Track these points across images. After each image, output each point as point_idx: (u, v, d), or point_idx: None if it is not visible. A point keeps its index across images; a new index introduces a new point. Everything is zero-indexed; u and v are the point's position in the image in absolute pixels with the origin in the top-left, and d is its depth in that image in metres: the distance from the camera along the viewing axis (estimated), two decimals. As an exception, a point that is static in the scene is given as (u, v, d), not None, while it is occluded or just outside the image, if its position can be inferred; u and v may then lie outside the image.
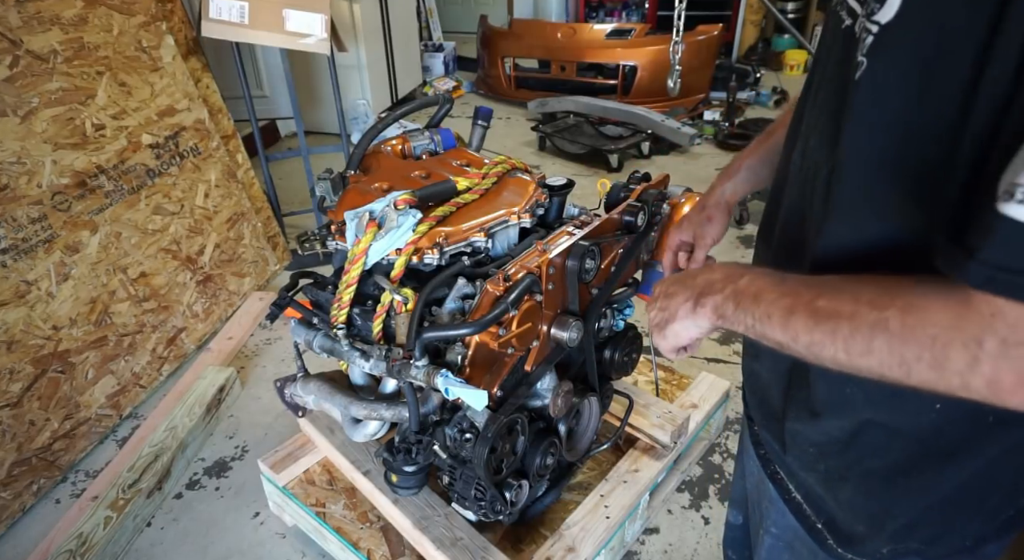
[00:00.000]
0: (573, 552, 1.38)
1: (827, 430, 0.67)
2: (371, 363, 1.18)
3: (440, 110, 1.57)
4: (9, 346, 1.79)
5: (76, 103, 2.01)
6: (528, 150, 4.54)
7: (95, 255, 2.05)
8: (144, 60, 2.25)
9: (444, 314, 1.19)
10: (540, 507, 1.53)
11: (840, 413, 0.65)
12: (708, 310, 0.65)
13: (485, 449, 1.14)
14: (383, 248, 1.20)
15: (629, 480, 1.55)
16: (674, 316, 0.69)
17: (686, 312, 0.68)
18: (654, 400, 1.74)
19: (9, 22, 1.82)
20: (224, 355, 2.38)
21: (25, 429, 1.82)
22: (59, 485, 1.92)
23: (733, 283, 0.62)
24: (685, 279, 0.70)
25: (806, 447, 0.71)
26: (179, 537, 1.76)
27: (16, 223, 1.82)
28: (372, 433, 1.32)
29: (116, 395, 2.09)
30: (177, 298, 2.35)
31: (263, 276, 2.81)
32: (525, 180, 1.40)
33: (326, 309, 1.29)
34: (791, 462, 0.75)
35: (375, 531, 1.52)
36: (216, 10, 2.37)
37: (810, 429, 0.70)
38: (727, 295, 0.62)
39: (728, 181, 0.97)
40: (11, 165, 1.81)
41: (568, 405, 1.32)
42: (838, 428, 0.66)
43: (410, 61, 5.35)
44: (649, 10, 6.79)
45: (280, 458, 1.65)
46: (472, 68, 6.22)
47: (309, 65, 4.31)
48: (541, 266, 1.17)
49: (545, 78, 5.33)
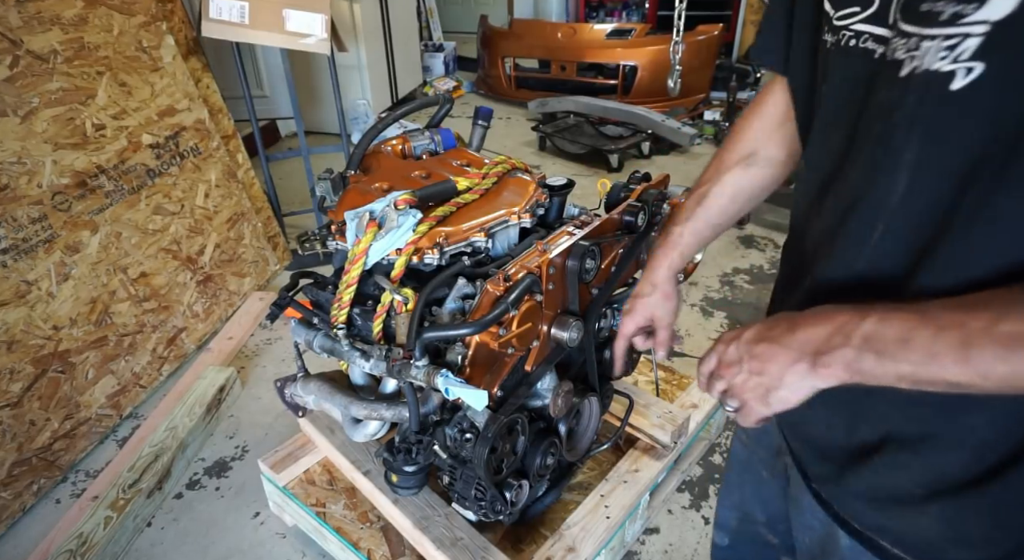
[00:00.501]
0: (573, 552, 1.38)
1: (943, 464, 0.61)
2: (371, 363, 1.18)
3: (440, 110, 1.57)
4: (9, 346, 1.79)
5: (76, 103, 2.01)
6: (528, 150, 4.54)
7: (95, 255, 2.05)
8: (144, 60, 2.25)
9: (444, 314, 1.19)
10: (540, 507, 1.53)
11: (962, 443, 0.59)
12: (837, 369, 0.54)
13: (485, 449, 1.14)
14: (383, 248, 1.20)
15: (629, 480, 1.55)
16: (780, 381, 0.59)
17: (799, 375, 0.57)
18: (654, 400, 1.74)
19: (9, 22, 1.82)
20: (224, 355, 2.38)
21: (25, 429, 1.82)
22: (59, 485, 1.92)
23: (856, 331, 0.53)
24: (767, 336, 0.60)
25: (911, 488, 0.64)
26: (179, 537, 1.76)
27: (16, 223, 1.82)
28: (372, 433, 1.32)
29: (116, 395, 2.09)
30: (177, 298, 2.35)
31: (263, 276, 2.81)
32: (525, 180, 1.40)
33: (326, 309, 1.29)
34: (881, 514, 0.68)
35: (375, 531, 1.52)
36: (216, 10, 2.37)
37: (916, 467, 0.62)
38: (858, 346, 0.53)
39: (674, 252, 0.92)
40: (11, 165, 1.81)
41: (568, 405, 1.32)
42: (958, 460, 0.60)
43: (410, 61, 5.35)
44: (649, 10, 6.79)
45: (280, 458, 1.65)
46: (472, 68, 6.23)
47: (309, 65, 4.31)
48: (541, 266, 1.17)
49: (545, 78, 5.33)
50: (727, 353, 0.64)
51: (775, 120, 0.83)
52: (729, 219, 0.90)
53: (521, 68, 5.46)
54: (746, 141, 0.86)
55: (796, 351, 0.57)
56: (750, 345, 0.61)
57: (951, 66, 0.47)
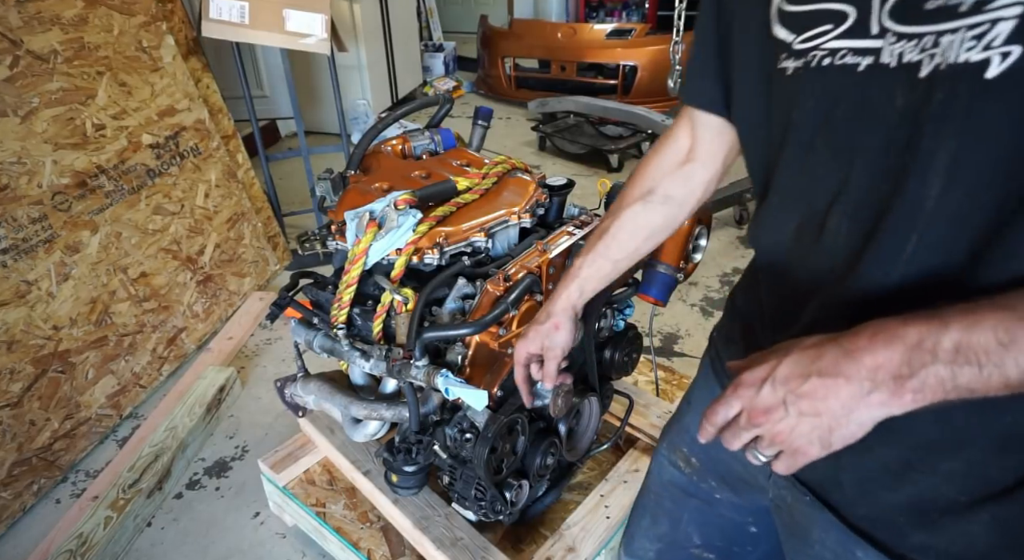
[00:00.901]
0: (573, 552, 1.38)
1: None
2: (371, 363, 1.18)
3: (440, 110, 1.57)
4: (9, 346, 1.79)
5: (76, 103, 2.01)
6: (528, 150, 4.55)
7: (95, 255, 2.05)
8: (144, 60, 2.25)
9: (444, 314, 1.19)
10: (540, 507, 1.53)
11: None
12: (928, 392, 0.48)
13: (485, 449, 1.14)
14: (383, 248, 1.20)
15: (629, 480, 1.55)
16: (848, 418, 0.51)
17: (875, 407, 0.50)
18: (654, 400, 1.74)
19: (9, 22, 1.82)
20: (224, 355, 2.38)
21: (25, 429, 1.82)
22: (59, 485, 1.92)
23: (941, 345, 0.47)
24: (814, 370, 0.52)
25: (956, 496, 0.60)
26: (179, 537, 1.76)
27: (16, 223, 1.82)
28: (372, 433, 1.32)
29: (116, 395, 2.09)
30: (177, 298, 2.35)
31: (263, 276, 2.81)
32: (525, 180, 1.40)
33: (326, 309, 1.29)
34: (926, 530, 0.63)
35: (375, 531, 1.52)
36: (216, 10, 2.37)
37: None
38: (950, 361, 0.47)
39: (572, 283, 0.91)
40: (11, 165, 1.81)
41: (568, 405, 1.32)
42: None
43: (410, 61, 5.35)
44: (649, 10, 6.80)
45: (280, 458, 1.65)
46: (472, 68, 6.23)
47: (309, 65, 4.31)
48: (541, 266, 1.17)
49: (545, 78, 5.33)
50: (760, 397, 0.55)
51: (676, 160, 0.85)
52: (630, 255, 0.90)
53: (521, 68, 5.46)
54: (646, 179, 0.87)
55: (867, 381, 0.50)
56: (791, 381, 0.53)
57: (982, 54, 0.45)
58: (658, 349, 2.47)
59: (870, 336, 0.50)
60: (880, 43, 0.51)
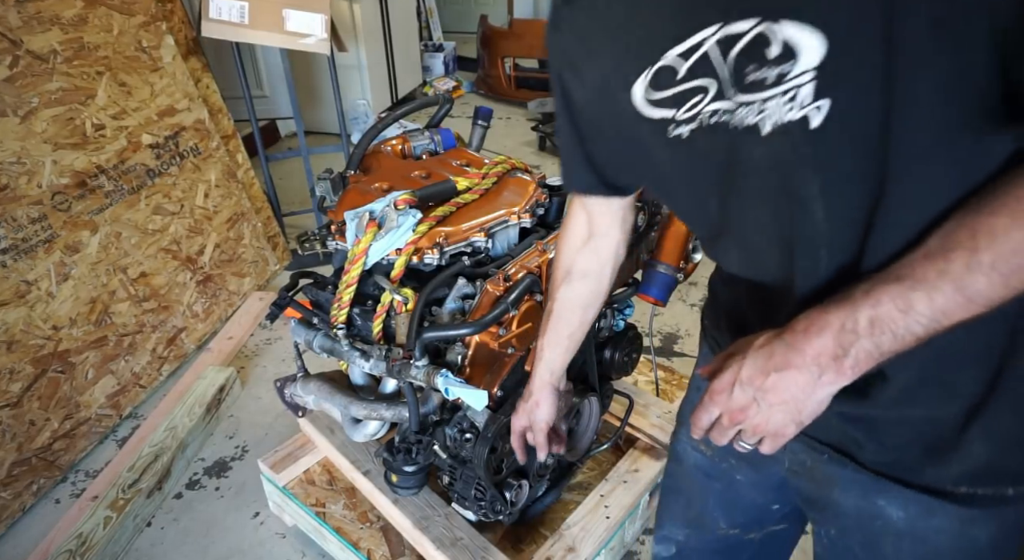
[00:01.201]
0: (573, 552, 1.38)
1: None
2: (371, 363, 1.18)
3: (440, 110, 1.57)
4: (9, 346, 1.79)
5: (76, 103, 2.01)
6: (528, 150, 4.54)
7: (95, 255, 2.05)
8: (144, 60, 2.25)
9: (444, 314, 1.19)
10: (540, 507, 1.53)
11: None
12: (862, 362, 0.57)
13: (485, 449, 1.14)
14: (383, 248, 1.20)
15: (629, 480, 1.55)
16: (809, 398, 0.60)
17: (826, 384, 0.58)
18: (654, 400, 1.74)
19: (9, 22, 1.82)
20: (224, 355, 2.38)
21: (25, 429, 1.82)
22: (59, 485, 1.92)
23: (858, 324, 0.56)
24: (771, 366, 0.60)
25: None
26: (179, 537, 1.76)
27: (16, 223, 1.82)
28: (372, 433, 1.32)
29: (116, 395, 2.09)
30: (177, 298, 2.35)
31: (263, 276, 2.81)
32: (525, 180, 1.40)
33: (326, 309, 1.29)
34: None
35: (375, 531, 1.52)
36: (216, 10, 2.37)
37: None
38: (870, 334, 0.55)
39: (540, 364, 1.04)
40: (11, 165, 1.81)
41: (568, 405, 1.32)
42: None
43: (410, 61, 5.35)
44: (649, 10, 6.78)
45: (280, 458, 1.65)
46: (472, 68, 6.22)
47: (309, 65, 4.31)
48: (541, 266, 1.17)
49: (545, 78, 5.32)
50: (733, 400, 0.63)
51: (580, 238, 0.95)
52: (578, 328, 1.01)
53: (521, 68, 5.45)
54: (563, 260, 0.97)
55: (814, 366, 0.58)
56: (755, 381, 0.61)
57: (801, 112, 0.53)
58: (658, 349, 2.47)
59: (804, 329, 0.59)
60: (735, 106, 0.58)
